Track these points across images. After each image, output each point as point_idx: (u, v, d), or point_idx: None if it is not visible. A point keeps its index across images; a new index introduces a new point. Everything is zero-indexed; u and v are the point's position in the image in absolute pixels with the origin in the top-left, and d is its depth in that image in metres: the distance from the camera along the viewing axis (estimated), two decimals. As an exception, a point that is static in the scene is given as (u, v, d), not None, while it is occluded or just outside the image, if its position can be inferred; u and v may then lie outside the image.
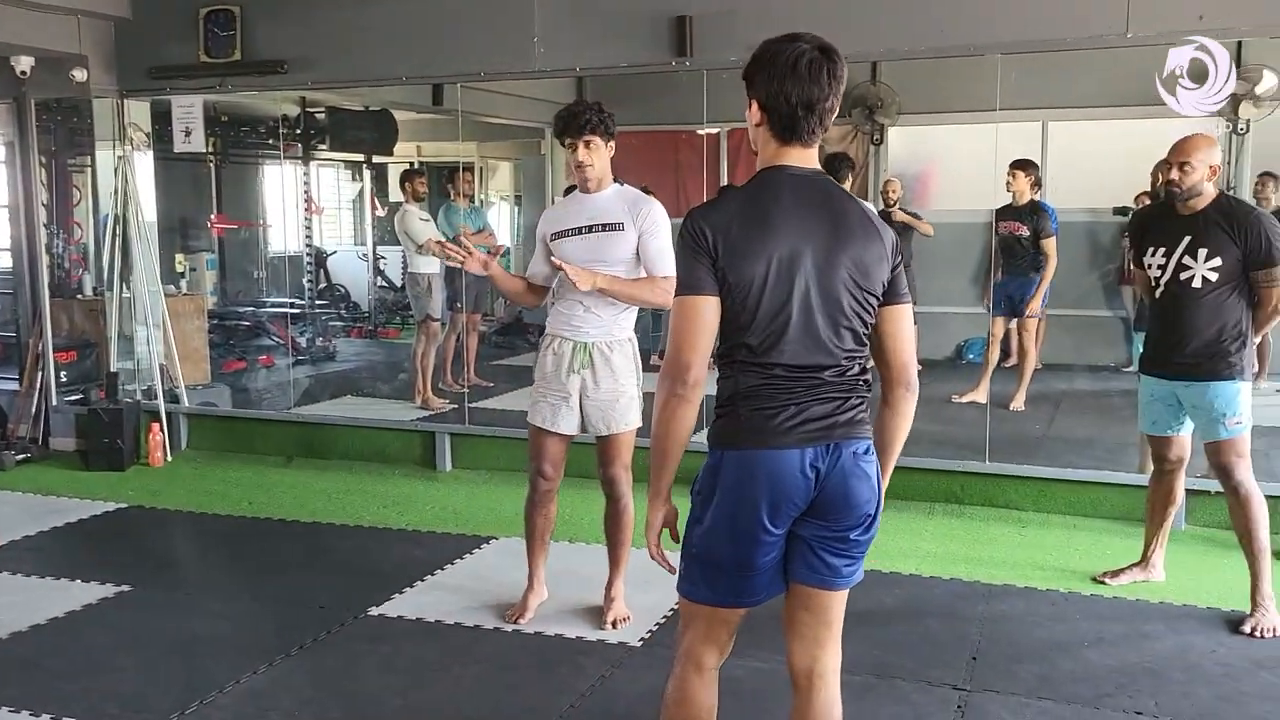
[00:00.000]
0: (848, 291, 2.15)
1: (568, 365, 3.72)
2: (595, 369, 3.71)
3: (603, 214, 3.66)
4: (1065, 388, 7.75)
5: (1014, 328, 7.05)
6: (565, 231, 3.69)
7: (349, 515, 5.33)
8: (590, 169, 3.63)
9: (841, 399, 2.18)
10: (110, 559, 4.69)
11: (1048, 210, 7.05)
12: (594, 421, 3.75)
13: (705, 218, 2.15)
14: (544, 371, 3.77)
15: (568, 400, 3.73)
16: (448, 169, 8.82)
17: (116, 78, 6.53)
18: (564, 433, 3.77)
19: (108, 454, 6.29)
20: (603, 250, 3.63)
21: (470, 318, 8.08)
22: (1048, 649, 3.62)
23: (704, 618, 2.29)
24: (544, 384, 3.77)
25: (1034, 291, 6.85)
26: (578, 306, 3.69)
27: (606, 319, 3.70)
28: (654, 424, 2.19)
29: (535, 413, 3.80)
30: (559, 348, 3.74)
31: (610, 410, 3.72)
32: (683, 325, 2.14)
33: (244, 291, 10.85)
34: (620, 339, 3.74)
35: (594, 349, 3.71)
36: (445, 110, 8.88)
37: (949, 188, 9.16)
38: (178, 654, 3.67)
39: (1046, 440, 6.33)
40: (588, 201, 3.70)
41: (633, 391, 3.76)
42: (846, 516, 2.20)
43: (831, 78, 2.14)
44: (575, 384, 3.72)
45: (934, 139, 9.03)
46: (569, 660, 3.59)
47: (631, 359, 3.77)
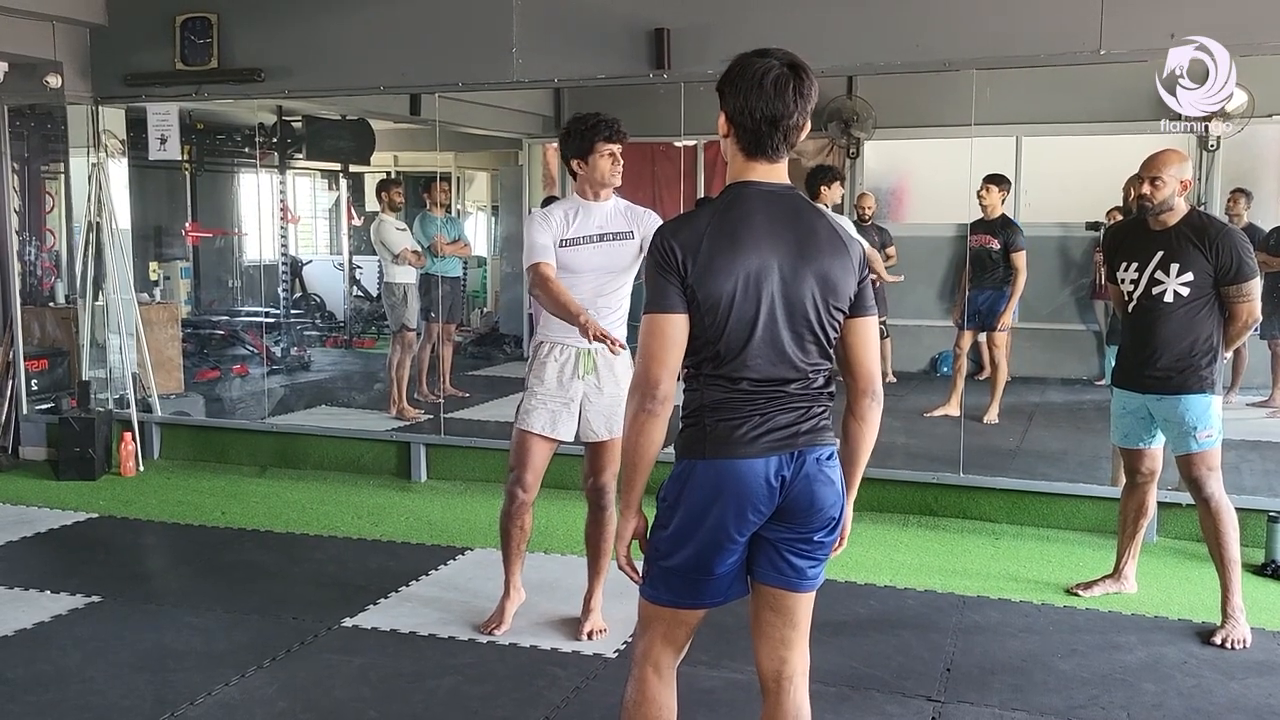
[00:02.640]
0: (814, 306, 2.18)
1: (572, 371, 3.72)
2: (599, 375, 3.72)
3: (612, 223, 3.69)
4: (1038, 400, 7.82)
5: (984, 341, 7.12)
6: (577, 240, 3.68)
7: (323, 526, 5.29)
8: (618, 175, 3.67)
9: (804, 409, 2.21)
10: (80, 570, 4.63)
11: (1017, 225, 7.13)
12: (596, 427, 3.74)
13: (674, 235, 2.17)
14: (543, 378, 3.75)
15: (569, 406, 3.73)
16: (424, 179, 8.80)
17: (91, 84, 6.49)
18: (562, 439, 3.76)
19: (79, 463, 6.22)
20: (615, 259, 3.67)
21: (445, 328, 8.06)
22: (1021, 660, 3.64)
23: (664, 619, 2.32)
24: (543, 391, 3.75)
25: (1005, 305, 6.91)
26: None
27: (610, 325, 3.68)
28: (624, 438, 2.22)
29: (533, 419, 3.76)
30: (560, 355, 3.74)
31: (613, 415, 3.71)
32: (651, 342, 2.15)
33: (218, 300, 10.78)
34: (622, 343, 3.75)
35: (598, 354, 3.71)
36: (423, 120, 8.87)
37: (923, 202, 9.25)
38: (148, 666, 3.62)
39: (1020, 453, 6.38)
40: (595, 210, 3.70)
41: None
42: (811, 520, 2.24)
43: (798, 95, 2.16)
44: (579, 390, 3.72)
45: (909, 153, 9.12)
46: (543, 672, 3.57)
47: (632, 365, 3.76)
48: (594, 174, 3.66)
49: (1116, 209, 7.88)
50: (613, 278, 3.67)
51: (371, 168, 11.52)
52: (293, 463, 6.48)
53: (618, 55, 5.49)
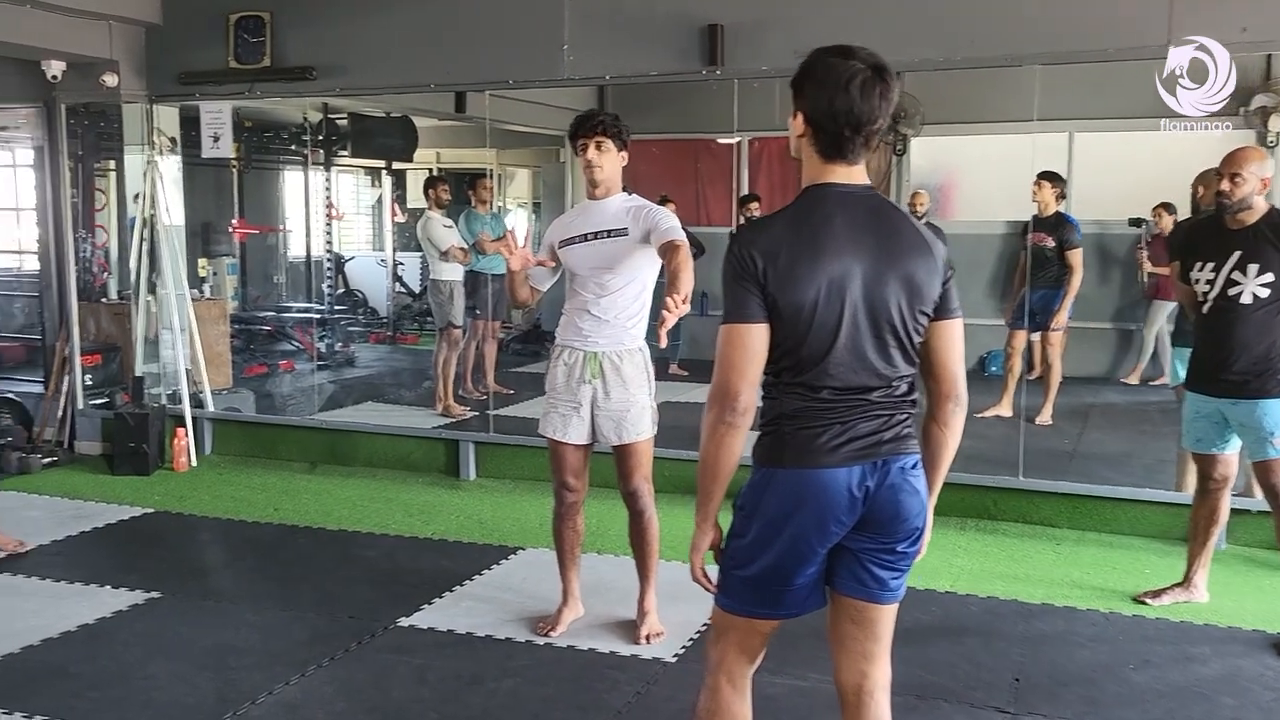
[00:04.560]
0: (899, 311, 2.12)
1: (578, 375, 3.68)
2: (606, 379, 3.67)
3: (608, 221, 3.64)
4: (1092, 401, 7.69)
5: (1038, 340, 6.99)
6: (572, 239, 3.67)
7: (375, 523, 5.29)
8: (599, 170, 3.60)
9: (887, 416, 2.15)
10: (138, 565, 4.66)
11: (1073, 222, 7.00)
12: (605, 432, 3.71)
13: (753, 243, 2.11)
14: (554, 382, 3.74)
15: (578, 410, 3.70)
16: (469, 176, 8.80)
17: (146, 83, 6.53)
18: (575, 442, 3.73)
19: (133, 458, 6.27)
20: (610, 257, 3.61)
21: (489, 325, 8.06)
22: (1092, 671, 3.55)
23: (739, 629, 2.28)
24: (554, 394, 3.74)
25: (1059, 304, 6.78)
26: (586, 316, 3.66)
27: (616, 327, 3.66)
28: (702, 450, 2.16)
29: (546, 424, 3.77)
30: (569, 358, 3.71)
31: (622, 420, 3.68)
32: (731, 353, 2.10)
33: (264, 296, 10.87)
34: (630, 348, 3.70)
35: (604, 358, 3.67)
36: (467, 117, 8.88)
37: (971, 199, 9.12)
38: (209, 664, 3.63)
39: (1077, 456, 6.26)
40: (594, 209, 3.68)
41: (645, 401, 3.72)
42: (895, 530, 2.18)
43: (883, 99, 2.10)
44: (586, 394, 3.69)
45: (957, 150, 8.99)
46: (603, 676, 3.54)
47: (642, 368, 3.72)
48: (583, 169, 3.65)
49: (1162, 205, 7.79)
50: (612, 276, 3.61)
51: (414, 165, 11.56)
52: (342, 459, 6.49)
53: (670, 52, 5.43)
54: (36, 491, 5.88)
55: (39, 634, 3.86)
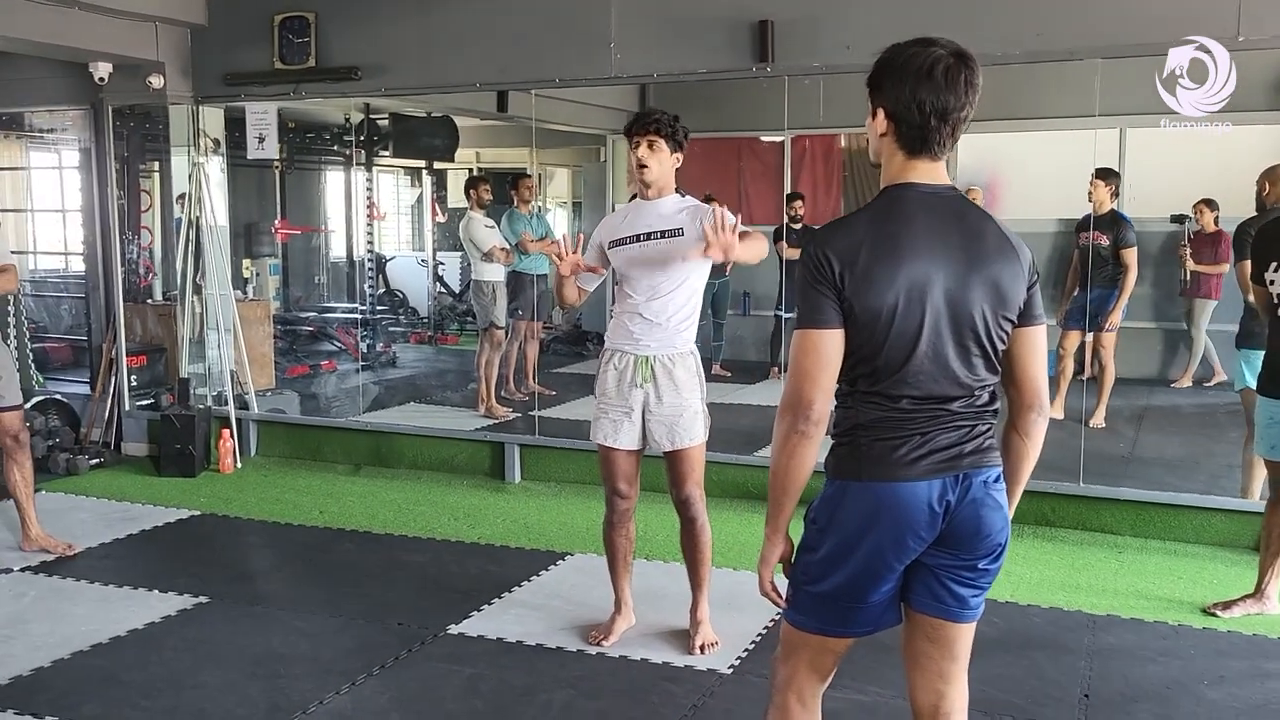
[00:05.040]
0: (982, 317, 2.02)
1: (630, 379, 3.61)
2: (658, 383, 3.59)
3: (662, 221, 3.56)
4: (1144, 404, 7.51)
5: (1090, 341, 6.83)
6: (623, 239, 3.59)
7: (420, 527, 5.25)
8: (648, 170, 3.53)
9: (968, 427, 2.06)
10: (186, 569, 4.65)
11: (1128, 220, 6.85)
12: (658, 437, 3.63)
13: (829, 244, 2.02)
14: (605, 387, 3.67)
15: (629, 415, 3.62)
16: (511, 176, 8.76)
17: (192, 84, 6.53)
18: (626, 448, 3.66)
19: (179, 460, 6.28)
20: (662, 258, 3.53)
21: (532, 325, 8.01)
22: (1165, 687, 3.43)
23: (810, 646, 2.20)
24: (605, 399, 3.67)
25: (1114, 304, 6.63)
26: (637, 318, 3.59)
27: (668, 330, 3.59)
28: (773, 461, 2.08)
29: (597, 429, 3.69)
30: (619, 362, 3.64)
31: (675, 425, 3.60)
32: (805, 360, 2.01)
33: (305, 297, 10.91)
34: (682, 351, 3.62)
35: (655, 362, 3.59)
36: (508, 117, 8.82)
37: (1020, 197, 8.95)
38: (259, 671, 3.59)
39: (1134, 460, 6.10)
40: (646, 209, 3.60)
41: (697, 405, 3.63)
42: (977, 547, 2.09)
43: (969, 86, 2.01)
44: (638, 399, 3.61)
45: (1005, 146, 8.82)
46: (658, 687, 3.46)
47: (695, 372, 3.65)
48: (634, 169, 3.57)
49: (1203, 202, 7.61)
50: (665, 279, 3.53)
51: (455, 165, 11.55)
52: (386, 461, 6.46)
53: (719, 49, 5.34)
54: (84, 493, 5.90)
55: (88, 639, 3.84)
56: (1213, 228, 7.76)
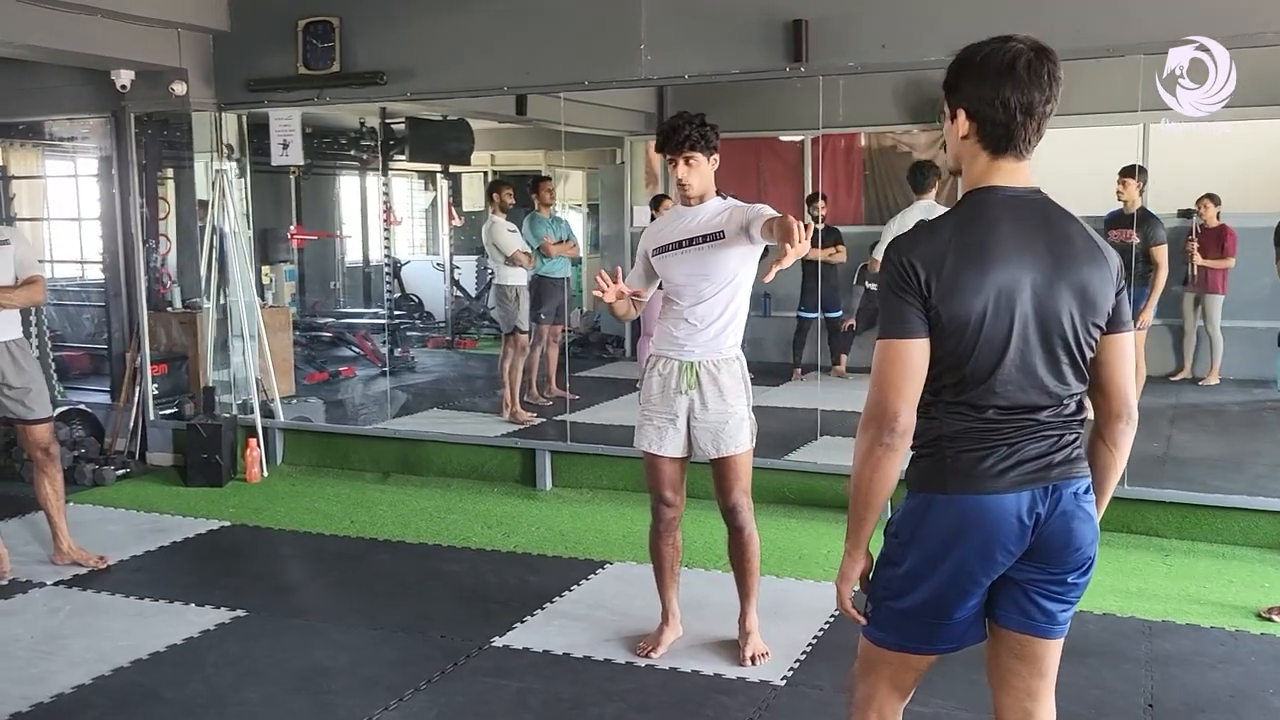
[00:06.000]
0: (1071, 324, 1.96)
1: (674, 386, 3.55)
2: (703, 389, 3.54)
3: (703, 226, 3.50)
4: (1173, 402, 7.44)
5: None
6: (666, 247, 3.55)
7: (454, 536, 5.20)
8: (689, 187, 3.50)
9: (1056, 437, 2.00)
10: (221, 581, 4.60)
11: (1156, 218, 6.79)
12: (703, 444, 3.57)
13: (913, 251, 1.95)
14: (649, 393, 3.61)
15: (674, 422, 3.57)
16: (531, 179, 8.71)
17: (215, 91, 6.49)
18: (671, 455, 3.60)
19: (206, 469, 6.24)
20: (706, 264, 3.48)
21: (553, 329, 7.96)
22: (1229, 696, 3.36)
23: (892, 663, 2.14)
24: (649, 406, 3.61)
25: (1145, 302, 6.57)
26: (682, 324, 3.53)
27: (712, 334, 3.53)
28: (856, 474, 2.02)
29: (641, 437, 3.64)
30: (664, 368, 3.58)
31: (720, 432, 3.54)
32: (889, 370, 1.95)
33: (321, 303, 10.87)
34: (728, 357, 3.56)
35: (700, 368, 3.54)
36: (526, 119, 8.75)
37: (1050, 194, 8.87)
38: (303, 687, 3.54)
39: (1169, 460, 6.02)
40: (688, 215, 3.54)
41: (743, 412, 3.57)
42: (1067, 560, 2.03)
43: (1053, 79, 1.96)
44: (683, 405, 3.55)
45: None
46: (711, 700, 3.40)
47: (740, 378, 3.59)
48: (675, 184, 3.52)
49: (1206, 197, 7.55)
50: (708, 283, 3.48)
51: (470, 168, 11.51)
52: (415, 469, 6.41)
53: (752, 49, 5.27)
54: (112, 504, 5.85)
55: (128, 655, 3.79)
56: (1215, 222, 7.71)
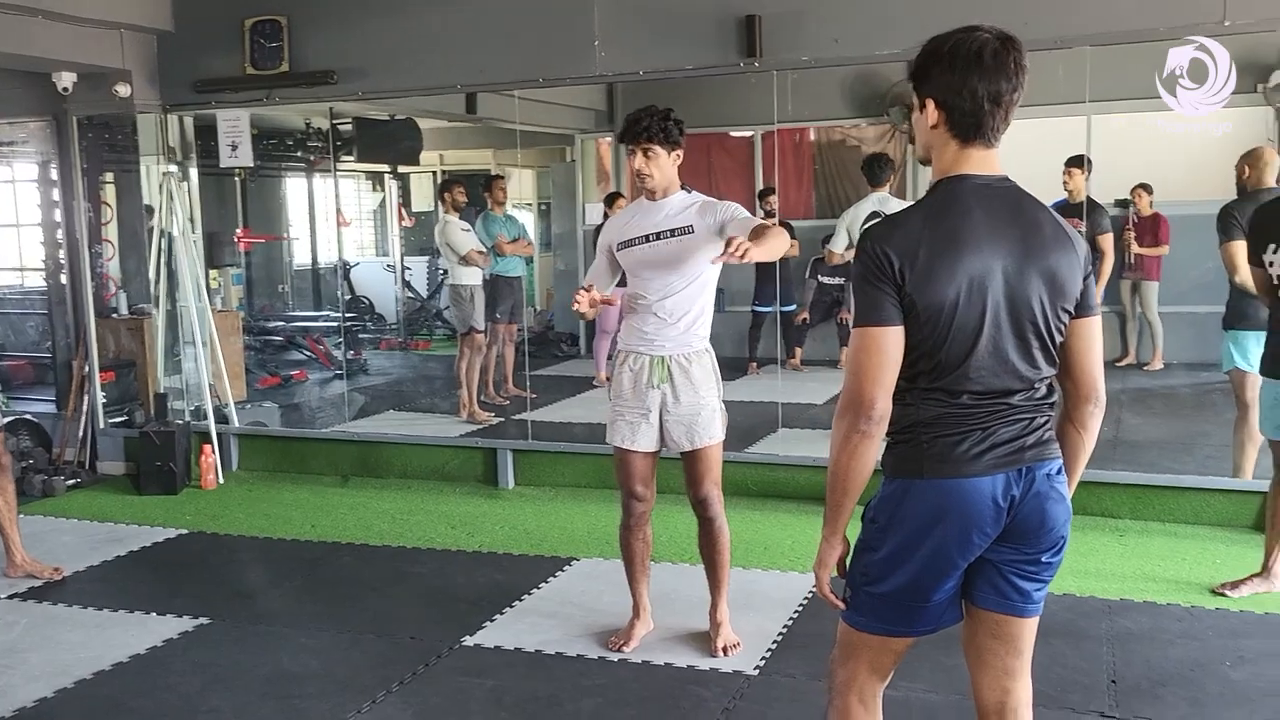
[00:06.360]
0: (1041, 309, 2.01)
1: (646, 381, 3.57)
2: (674, 383, 3.56)
3: (670, 220, 3.51)
4: (1119, 387, 7.61)
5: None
6: (632, 241, 3.55)
7: (418, 537, 5.16)
8: (650, 178, 3.50)
9: (1028, 420, 2.04)
10: (182, 589, 4.52)
11: (1102, 207, 6.94)
12: (676, 437, 3.59)
13: (887, 240, 1.98)
14: (621, 389, 3.62)
15: (647, 416, 3.58)
16: (484, 178, 8.67)
17: (160, 92, 6.37)
18: (644, 450, 3.62)
19: (160, 477, 6.13)
20: (675, 258, 3.49)
21: (509, 328, 7.94)
22: (1189, 670, 3.45)
23: (872, 647, 2.17)
24: (621, 402, 3.62)
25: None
26: (651, 318, 3.55)
27: (683, 328, 3.55)
28: (833, 462, 2.04)
29: (614, 432, 3.64)
30: (635, 364, 3.59)
31: (694, 424, 3.57)
32: (865, 358, 1.98)
33: (270, 306, 10.74)
34: (698, 349, 3.59)
35: (672, 362, 3.56)
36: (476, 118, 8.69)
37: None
38: (272, 692, 3.50)
39: (1120, 443, 6.16)
40: (653, 209, 3.55)
41: (715, 403, 3.60)
42: (1041, 540, 2.07)
43: (1018, 67, 1.99)
44: (655, 400, 3.57)
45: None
46: (686, 693, 3.42)
47: (711, 370, 3.62)
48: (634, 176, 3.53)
49: (1140, 186, 7.74)
50: (677, 277, 3.50)
51: (419, 168, 11.42)
52: (374, 471, 6.35)
53: (706, 44, 5.30)
54: (64, 515, 5.73)
55: (90, 666, 3.72)
56: (1149, 211, 7.92)
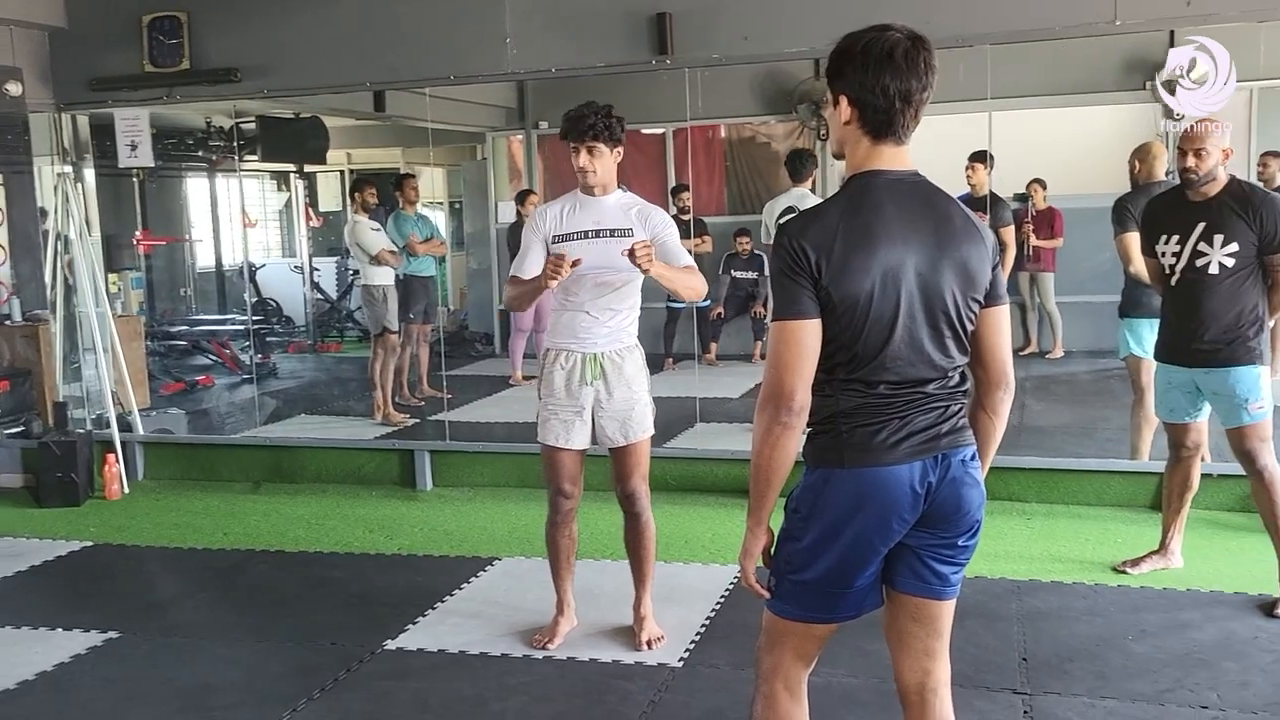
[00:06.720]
0: (953, 300, 2.07)
1: (579, 378, 3.58)
2: (608, 379, 3.58)
3: (610, 219, 3.54)
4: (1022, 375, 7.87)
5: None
6: (570, 235, 3.55)
7: (335, 542, 5.08)
8: (592, 175, 3.52)
9: (943, 408, 2.11)
10: (88, 604, 4.37)
11: (1003, 201, 7.18)
12: (610, 433, 3.61)
13: (803, 235, 2.03)
14: (552, 387, 3.62)
15: (580, 414, 3.59)
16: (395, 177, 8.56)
17: (54, 91, 6.15)
18: (577, 448, 3.63)
19: (61, 489, 5.91)
20: (611, 256, 3.49)
21: (422, 329, 7.87)
22: (1094, 645, 3.59)
23: (796, 634, 2.22)
24: (554, 401, 3.62)
25: None
26: (582, 316, 3.56)
27: (613, 327, 3.58)
28: (755, 454, 2.08)
29: (547, 431, 3.64)
30: (566, 362, 3.60)
31: (628, 419, 3.60)
32: (784, 351, 2.02)
33: (172, 310, 10.46)
34: (629, 345, 3.63)
35: (605, 359, 3.58)
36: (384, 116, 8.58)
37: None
38: (190, 705, 3.41)
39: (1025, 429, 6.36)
40: (592, 205, 3.57)
41: (646, 398, 3.65)
42: (957, 524, 2.14)
43: (928, 67, 2.05)
44: (589, 397, 3.58)
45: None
46: (612, 687, 3.43)
47: (642, 365, 3.66)
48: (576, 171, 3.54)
49: (1035, 181, 8.02)
50: (614, 274, 3.52)
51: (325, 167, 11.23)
52: (288, 476, 6.22)
53: (617, 42, 5.32)
54: (-42, 531, 5.50)
55: (-6, 686, 3.59)
56: (1043, 205, 8.21)
